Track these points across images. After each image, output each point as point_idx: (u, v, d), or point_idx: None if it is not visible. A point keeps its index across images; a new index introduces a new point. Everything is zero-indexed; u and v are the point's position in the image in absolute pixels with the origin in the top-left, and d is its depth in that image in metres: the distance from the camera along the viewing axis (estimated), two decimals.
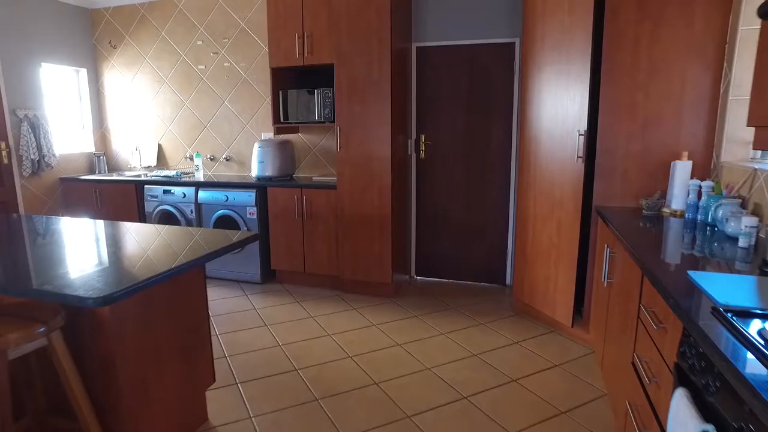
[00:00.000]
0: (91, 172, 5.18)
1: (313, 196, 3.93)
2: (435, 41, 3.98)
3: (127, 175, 4.85)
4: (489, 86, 3.93)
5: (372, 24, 3.51)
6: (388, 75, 3.53)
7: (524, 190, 3.37)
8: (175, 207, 4.32)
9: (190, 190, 4.26)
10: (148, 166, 5.14)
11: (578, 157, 2.81)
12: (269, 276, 4.31)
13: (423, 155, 4.18)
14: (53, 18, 4.76)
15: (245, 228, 4.13)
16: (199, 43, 4.70)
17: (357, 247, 3.84)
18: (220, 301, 3.87)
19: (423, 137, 4.16)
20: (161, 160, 5.12)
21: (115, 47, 5.06)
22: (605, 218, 2.51)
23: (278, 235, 4.11)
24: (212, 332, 3.28)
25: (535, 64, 3.15)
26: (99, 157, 5.16)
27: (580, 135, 2.78)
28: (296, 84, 4.37)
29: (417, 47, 4.04)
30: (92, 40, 5.15)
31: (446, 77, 4.01)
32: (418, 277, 4.42)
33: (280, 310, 3.67)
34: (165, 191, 4.35)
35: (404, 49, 3.87)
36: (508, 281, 4.17)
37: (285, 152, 4.25)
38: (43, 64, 4.68)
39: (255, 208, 4.08)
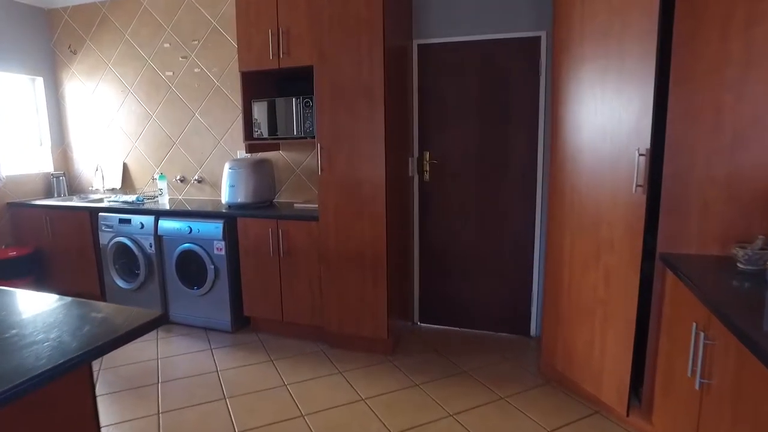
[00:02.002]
0: (49, 195, 4.52)
1: (290, 228, 3.20)
2: (441, 37, 3.25)
3: (89, 200, 4.18)
4: (508, 91, 3.17)
5: (361, 15, 2.79)
6: (381, 78, 2.80)
7: (557, 224, 2.59)
8: (132, 239, 3.62)
9: (149, 220, 3.56)
10: (113, 189, 4.47)
11: (637, 185, 2.03)
12: (242, 323, 3.57)
13: (427, 177, 3.43)
14: (1, 19, 4.13)
15: (212, 266, 3.40)
16: (167, 45, 4.04)
17: (344, 293, 3.09)
18: (177, 358, 3.14)
19: (427, 155, 3.41)
20: (127, 181, 4.45)
21: (74, 52, 4.43)
22: (680, 273, 1.72)
23: (251, 276, 3.38)
24: (155, 410, 2.54)
25: (572, 61, 2.39)
26: (58, 178, 4.51)
27: (640, 155, 2.01)
28: (273, 91, 3.66)
29: (419, 45, 3.31)
30: (50, 45, 4.52)
31: (455, 81, 3.27)
32: (423, 324, 3.64)
33: (248, 373, 2.92)
34: (121, 220, 3.65)
35: (402, 48, 3.14)
36: (532, 331, 3.37)
37: (262, 174, 3.54)
38: None
39: (223, 243, 3.35)
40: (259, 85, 3.48)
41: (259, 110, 3.38)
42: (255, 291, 3.38)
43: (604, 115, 2.19)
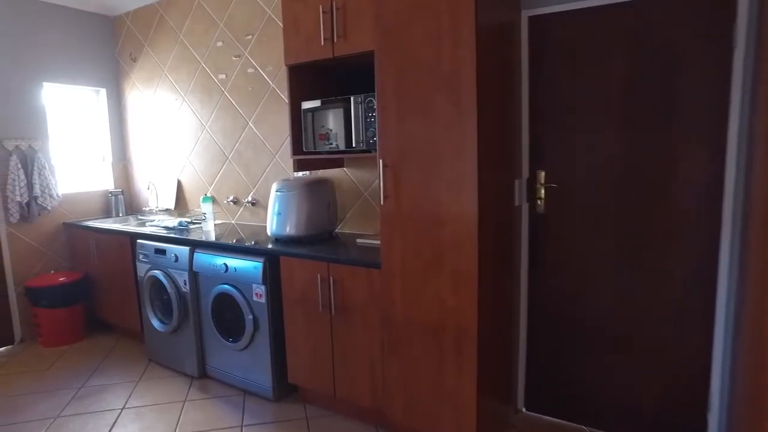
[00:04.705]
0: (107, 214, 4.17)
1: (345, 276, 2.34)
2: (564, 3, 2.22)
3: (139, 221, 3.73)
4: (673, 77, 2.04)
5: None
6: (471, 66, 1.84)
7: None
8: (166, 274, 3.02)
9: (183, 252, 2.93)
10: (166, 209, 3.99)
11: None
12: (287, 391, 2.78)
13: (542, 207, 2.39)
14: (65, 29, 3.85)
15: (250, 316, 2.67)
16: (219, 44, 3.44)
17: (414, 373, 2.16)
18: None
19: (542, 176, 2.37)
20: (181, 201, 3.94)
21: (135, 60, 4.04)
22: None
23: (296, 334, 2.58)
24: None
25: None
26: (117, 196, 4.14)
27: None
28: (330, 90, 2.84)
29: (530, 17, 2.30)
30: (115, 54, 4.19)
31: (587, 66, 2.21)
32: (529, 412, 2.57)
33: None
34: (156, 250, 3.08)
35: (505, 23, 2.16)
36: None
37: (317, 199, 2.74)
38: (45, 84, 3.76)
39: (263, 287, 2.60)
40: (309, 81, 2.70)
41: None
42: (300, 354, 2.58)
43: None
